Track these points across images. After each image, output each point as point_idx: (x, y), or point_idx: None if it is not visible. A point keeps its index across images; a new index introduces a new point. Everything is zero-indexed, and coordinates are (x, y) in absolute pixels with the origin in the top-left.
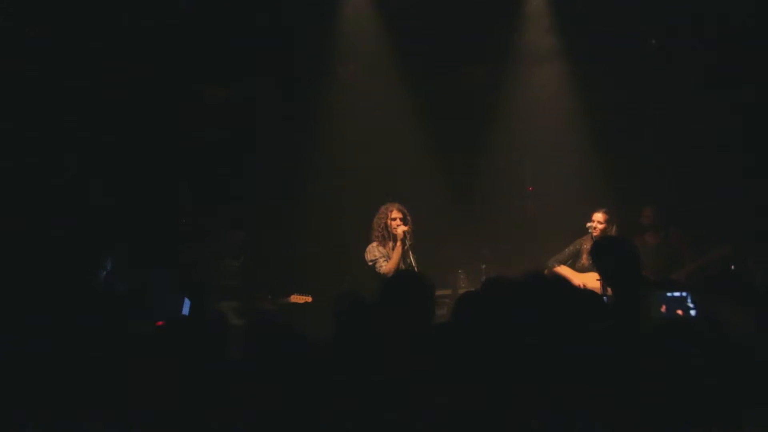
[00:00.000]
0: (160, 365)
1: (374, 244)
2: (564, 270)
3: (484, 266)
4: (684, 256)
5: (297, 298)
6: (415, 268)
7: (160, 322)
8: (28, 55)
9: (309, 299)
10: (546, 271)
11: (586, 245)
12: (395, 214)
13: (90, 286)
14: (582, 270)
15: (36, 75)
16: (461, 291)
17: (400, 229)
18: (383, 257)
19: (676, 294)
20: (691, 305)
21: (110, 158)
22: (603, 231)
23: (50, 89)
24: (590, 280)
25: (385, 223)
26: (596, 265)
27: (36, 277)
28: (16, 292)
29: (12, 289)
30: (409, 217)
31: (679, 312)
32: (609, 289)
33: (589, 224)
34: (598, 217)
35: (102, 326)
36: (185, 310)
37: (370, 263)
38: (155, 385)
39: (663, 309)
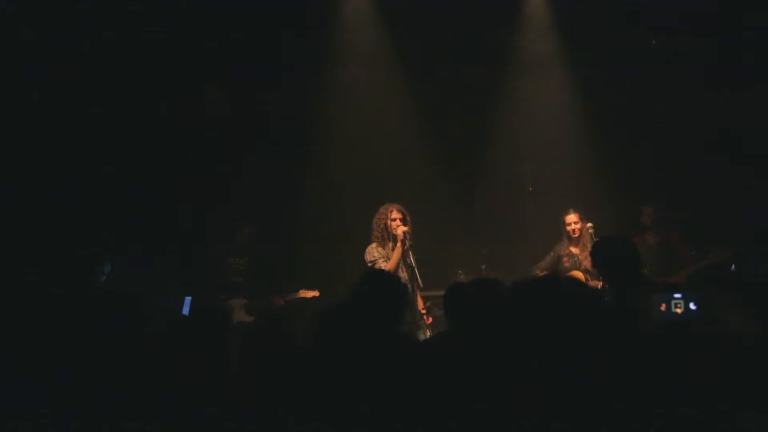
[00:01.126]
0: (161, 365)
1: (374, 245)
2: None
3: (484, 266)
4: (683, 256)
5: (305, 293)
6: (416, 269)
7: None
8: (26, 55)
9: (317, 294)
10: None
11: (564, 250)
12: (395, 214)
13: (90, 288)
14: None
15: (35, 73)
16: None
17: (400, 230)
18: (382, 258)
19: (677, 294)
20: (692, 306)
21: (110, 158)
22: (581, 229)
23: (50, 88)
24: None
25: (385, 224)
26: (595, 265)
27: (36, 278)
28: (16, 294)
29: (12, 290)
30: (408, 218)
31: (678, 310)
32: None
33: (567, 228)
34: (573, 218)
35: (102, 327)
36: (185, 310)
37: (370, 264)
38: (156, 385)
39: (663, 308)
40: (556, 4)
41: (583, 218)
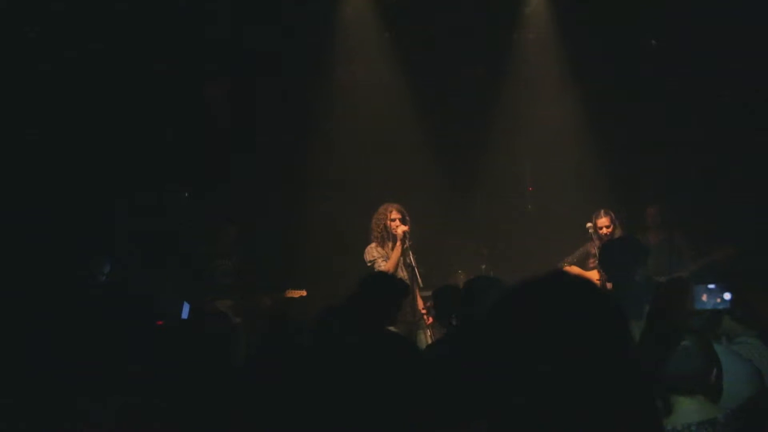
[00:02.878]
0: (162, 366)
1: (373, 245)
2: (575, 269)
3: (484, 266)
4: (686, 256)
5: (292, 293)
6: (416, 269)
7: (159, 322)
8: (25, 53)
9: (304, 293)
10: None
11: (593, 249)
12: (394, 214)
13: (89, 288)
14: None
15: (35, 75)
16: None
17: (400, 230)
18: (381, 257)
19: (711, 285)
20: (726, 296)
21: (107, 157)
22: (612, 233)
23: (49, 87)
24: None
25: (385, 224)
26: (601, 262)
27: (36, 279)
28: (16, 295)
29: (12, 291)
30: (408, 217)
31: (718, 300)
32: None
33: (600, 232)
34: (604, 222)
35: (102, 328)
36: (185, 313)
37: (369, 264)
38: (157, 385)
39: (704, 298)
40: (557, 4)
41: (613, 222)
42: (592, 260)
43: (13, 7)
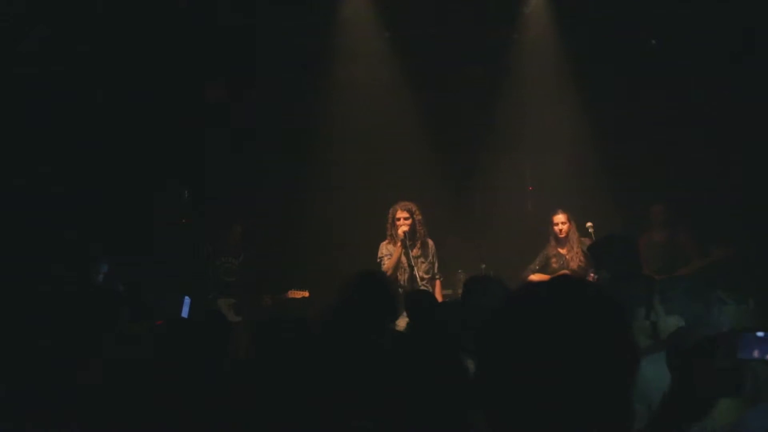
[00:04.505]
0: (162, 365)
1: (386, 241)
2: (540, 277)
3: (483, 266)
4: (691, 255)
5: (294, 294)
6: (415, 268)
7: (158, 322)
8: (25, 54)
9: (306, 294)
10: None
11: (552, 251)
12: (399, 213)
13: (88, 287)
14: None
15: (34, 76)
16: (461, 291)
17: (401, 230)
18: (388, 255)
19: (759, 333)
20: None
21: (107, 157)
22: (568, 230)
23: (50, 88)
24: None
25: (392, 223)
26: (595, 263)
27: (34, 277)
28: (15, 294)
29: (11, 290)
30: (418, 216)
31: None
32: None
33: (555, 228)
34: (560, 218)
35: (101, 327)
36: (185, 310)
37: (378, 260)
38: (157, 385)
39: (756, 354)
40: (557, 4)
41: (571, 218)
42: (554, 260)
43: (13, 6)
